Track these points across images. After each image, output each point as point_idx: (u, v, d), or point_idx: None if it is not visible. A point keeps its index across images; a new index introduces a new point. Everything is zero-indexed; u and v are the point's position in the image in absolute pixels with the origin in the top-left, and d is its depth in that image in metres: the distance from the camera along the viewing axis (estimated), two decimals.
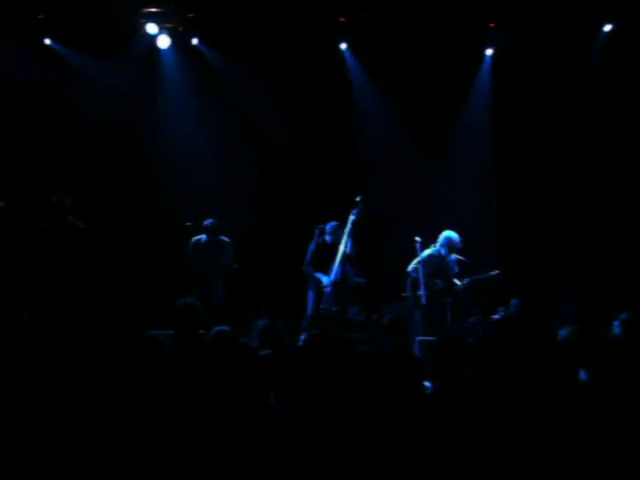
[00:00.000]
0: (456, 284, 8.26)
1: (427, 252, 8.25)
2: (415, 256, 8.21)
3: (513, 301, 8.14)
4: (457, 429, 3.87)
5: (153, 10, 8.78)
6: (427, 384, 4.77)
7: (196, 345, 5.05)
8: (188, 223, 8.45)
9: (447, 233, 8.20)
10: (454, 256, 8.25)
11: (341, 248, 8.14)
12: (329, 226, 8.30)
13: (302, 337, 5.11)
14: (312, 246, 8.30)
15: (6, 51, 8.83)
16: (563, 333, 5.01)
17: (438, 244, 8.23)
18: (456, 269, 8.28)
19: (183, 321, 5.24)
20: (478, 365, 4.52)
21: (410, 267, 8.25)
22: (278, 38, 9.03)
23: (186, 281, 8.21)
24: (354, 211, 8.13)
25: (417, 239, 8.24)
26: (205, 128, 9.75)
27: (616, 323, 6.03)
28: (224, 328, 5.40)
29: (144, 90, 9.52)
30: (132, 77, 9.40)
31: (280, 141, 9.61)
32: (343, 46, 9.41)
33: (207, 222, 8.40)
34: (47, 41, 9.26)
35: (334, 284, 8.10)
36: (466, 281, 8.25)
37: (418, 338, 7.17)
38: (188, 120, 9.72)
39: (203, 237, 8.43)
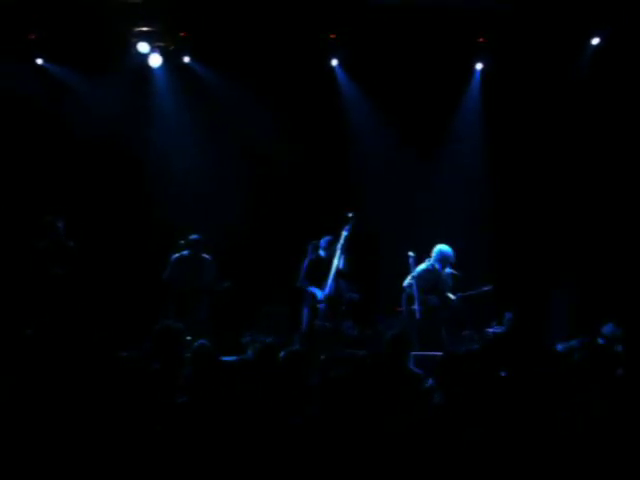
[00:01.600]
0: (450, 299, 8.28)
1: (422, 267, 8.19)
2: (409, 271, 8.16)
3: (507, 315, 8.15)
4: (459, 443, 3.87)
5: (144, 29, 8.80)
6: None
7: (179, 366, 5.07)
8: (181, 241, 8.44)
9: (441, 247, 8.16)
10: (448, 270, 8.23)
11: (334, 263, 8.16)
12: (323, 241, 8.35)
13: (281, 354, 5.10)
14: (306, 262, 8.33)
15: None
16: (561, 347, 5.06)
17: (432, 259, 8.18)
18: (450, 282, 8.25)
19: (165, 343, 5.25)
20: (478, 380, 4.54)
21: (406, 282, 8.21)
22: (269, 56, 9.06)
23: (168, 300, 8.18)
24: (346, 227, 8.16)
25: (410, 254, 8.19)
26: (198, 144, 9.75)
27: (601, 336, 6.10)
28: (204, 342, 5.42)
29: (136, 106, 9.52)
30: (124, 94, 9.38)
31: (272, 156, 9.63)
32: (334, 62, 9.44)
33: (192, 237, 8.38)
34: (39, 61, 9.28)
35: (328, 299, 8.11)
36: (459, 296, 8.24)
37: (413, 353, 7.16)
38: (181, 137, 9.73)
39: (185, 252, 8.42)
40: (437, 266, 8.15)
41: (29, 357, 4.88)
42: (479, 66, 9.40)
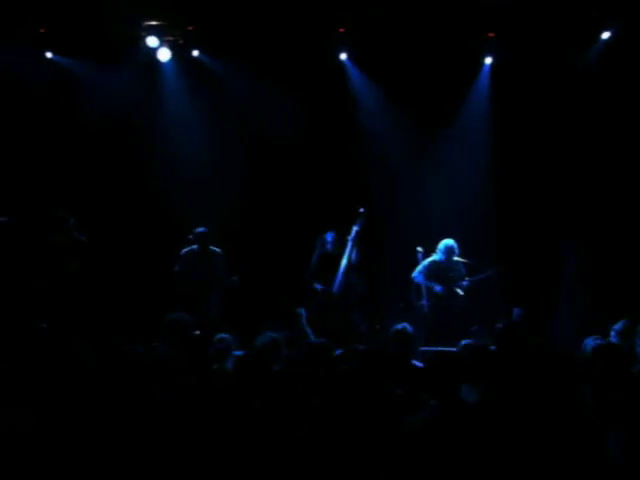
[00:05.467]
0: (458, 293, 8.41)
1: (429, 259, 8.51)
2: (420, 263, 8.50)
3: (515, 310, 8.17)
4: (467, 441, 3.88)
5: (153, 23, 8.79)
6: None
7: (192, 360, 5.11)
8: (190, 236, 8.45)
9: (445, 241, 8.44)
10: (457, 259, 8.43)
11: (345, 258, 8.22)
12: (329, 235, 8.39)
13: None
14: (315, 257, 8.37)
15: (7, 61, 8.83)
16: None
17: (438, 252, 8.46)
18: (463, 271, 8.51)
19: (173, 335, 5.28)
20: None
21: (414, 273, 8.50)
22: (278, 49, 9.03)
23: (178, 294, 8.20)
24: (357, 222, 8.25)
25: (419, 249, 8.55)
26: (207, 136, 9.76)
27: (612, 334, 6.09)
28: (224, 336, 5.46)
29: (145, 99, 9.55)
30: (133, 87, 9.41)
31: (281, 146, 9.60)
32: (343, 56, 9.41)
33: (198, 230, 8.39)
34: (49, 54, 9.29)
35: (338, 293, 8.16)
36: (466, 283, 8.43)
37: (422, 348, 7.19)
38: (190, 129, 9.73)
39: (194, 247, 8.42)
40: (442, 258, 8.43)
41: (44, 351, 4.91)
42: (488, 60, 9.34)
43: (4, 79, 8.95)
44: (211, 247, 8.40)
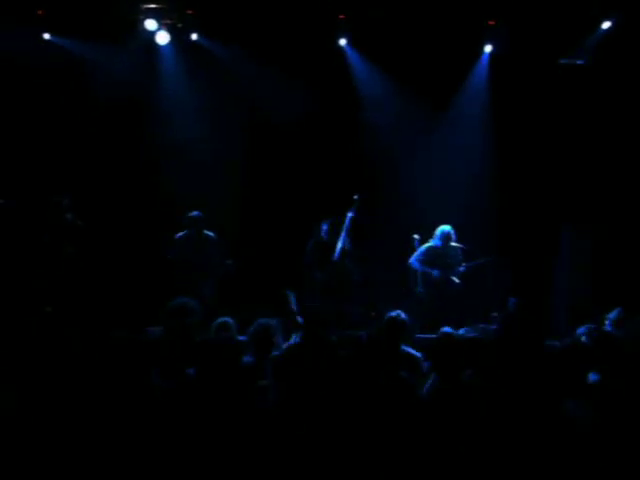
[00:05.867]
0: (454, 280, 8.44)
1: (426, 245, 8.57)
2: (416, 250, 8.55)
3: (511, 300, 8.19)
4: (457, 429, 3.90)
5: (152, 7, 8.74)
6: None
7: (188, 344, 5.11)
8: (184, 220, 8.43)
9: (441, 227, 8.49)
10: (454, 244, 8.48)
11: (339, 244, 8.27)
12: (324, 225, 8.43)
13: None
14: (310, 244, 8.40)
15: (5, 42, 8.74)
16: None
17: (435, 238, 8.51)
18: (460, 257, 8.56)
19: (175, 321, 5.27)
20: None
21: (411, 259, 8.56)
22: (277, 33, 8.98)
23: (173, 279, 8.18)
24: (352, 208, 8.36)
25: (415, 237, 8.64)
26: (206, 120, 9.69)
27: (607, 322, 6.11)
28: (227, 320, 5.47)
29: (143, 81, 9.49)
30: (130, 70, 9.32)
31: (281, 131, 9.59)
32: (342, 42, 9.36)
33: (192, 214, 8.36)
34: (46, 36, 9.23)
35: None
36: (463, 269, 8.50)
37: (417, 335, 7.20)
38: (189, 112, 9.68)
39: (188, 231, 8.39)
40: (439, 244, 8.47)
41: (49, 336, 4.92)
42: (488, 48, 9.32)
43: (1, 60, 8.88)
44: (205, 231, 8.39)
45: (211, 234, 8.43)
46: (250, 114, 9.67)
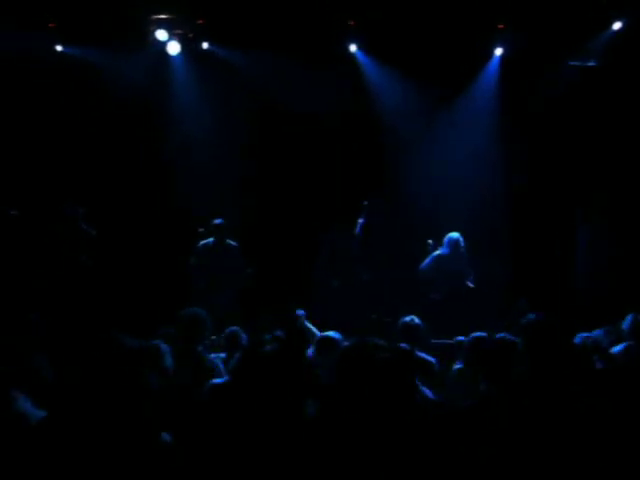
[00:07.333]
0: (467, 285, 8.45)
1: (436, 253, 8.61)
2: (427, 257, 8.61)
3: (521, 300, 8.18)
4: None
5: (163, 17, 8.80)
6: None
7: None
8: (201, 229, 8.46)
9: (450, 235, 8.53)
10: (463, 253, 8.47)
11: (351, 250, 8.35)
12: (335, 233, 8.48)
13: None
14: (323, 253, 8.45)
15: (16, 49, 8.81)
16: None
17: (443, 246, 8.56)
18: (469, 267, 8.58)
19: (189, 330, 5.29)
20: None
21: (421, 266, 8.60)
22: (287, 45, 9.00)
23: (195, 287, 8.21)
24: (363, 214, 8.51)
25: (429, 242, 8.73)
26: (219, 128, 9.75)
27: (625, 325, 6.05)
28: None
29: (155, 89, 9.56)
30: (142, 79, 9.38)
31: (293, 137, 9.64)
32: (353, 48, 9.38)
33: (215, 221, 8.37)
34: (59, 48, 9.32)
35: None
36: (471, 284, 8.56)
37: (432, 341, 7.20)
38: (202, 120, 9.74)
39: (210, 240, 8.41)
40: (447, 251, 8.51)
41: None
42: (499, 51, 9.31)
43: (12, 65, 8.95)
44: (227, 240, 8.39)
45: (233, 243, 8.43)
46: (262, 121, 9.69)
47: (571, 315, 8.09)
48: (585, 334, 5.31)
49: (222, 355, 5.53)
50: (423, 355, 5.81)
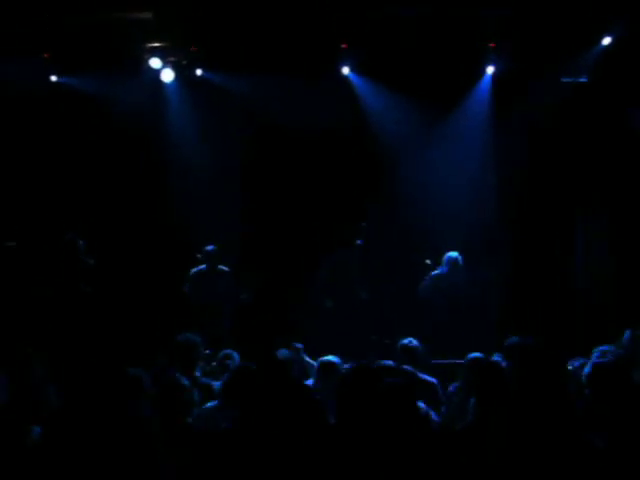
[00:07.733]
0: (467, 302, 8.47)
1: (433, 273, 8.66)
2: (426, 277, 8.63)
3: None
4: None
5: (156, 45, 8.85)
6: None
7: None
8: (198, 255, 8.49)
9: (448, 254, 8.55)
10: (462, 271, 8.49)
11: (350, 272, 8.35)
12: (336, 251, 8.51)
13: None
14: (322, 273, 8.45)
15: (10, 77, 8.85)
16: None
17: (442, 265, 8.58)
18: (468, 285, 8.57)
19: (182, 356, 5.31)
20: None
21: (420, 287, 8.62)
22: (279, 68, 9.04)
23: (188, 314, 8.23)
24: (360, 236, 8.55)
25: (427, 261, 8.75)
26: (215, 153, 9.76)
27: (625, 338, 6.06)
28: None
29: (150, 116, 9.57)
30: (136, 106, 9.38)
31: (286, 159, 9.67)
32: (345, 70, 9.40)
33: (207, 248, 8.40)
34: (53, 78, 9.37)
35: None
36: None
37: (433, 361, 7.20)
38: (197, 145, 9.76)
39: (202, 267, 8.43)
40: (445, 270, 8.54)
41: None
42: (490, 70, 9.36)
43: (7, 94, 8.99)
44: (219, 266, 8.42)
45: (225, 268, 8.45)
46: (258, 143, 9.74)
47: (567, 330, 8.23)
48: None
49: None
50: (425, 376, 5.83)
